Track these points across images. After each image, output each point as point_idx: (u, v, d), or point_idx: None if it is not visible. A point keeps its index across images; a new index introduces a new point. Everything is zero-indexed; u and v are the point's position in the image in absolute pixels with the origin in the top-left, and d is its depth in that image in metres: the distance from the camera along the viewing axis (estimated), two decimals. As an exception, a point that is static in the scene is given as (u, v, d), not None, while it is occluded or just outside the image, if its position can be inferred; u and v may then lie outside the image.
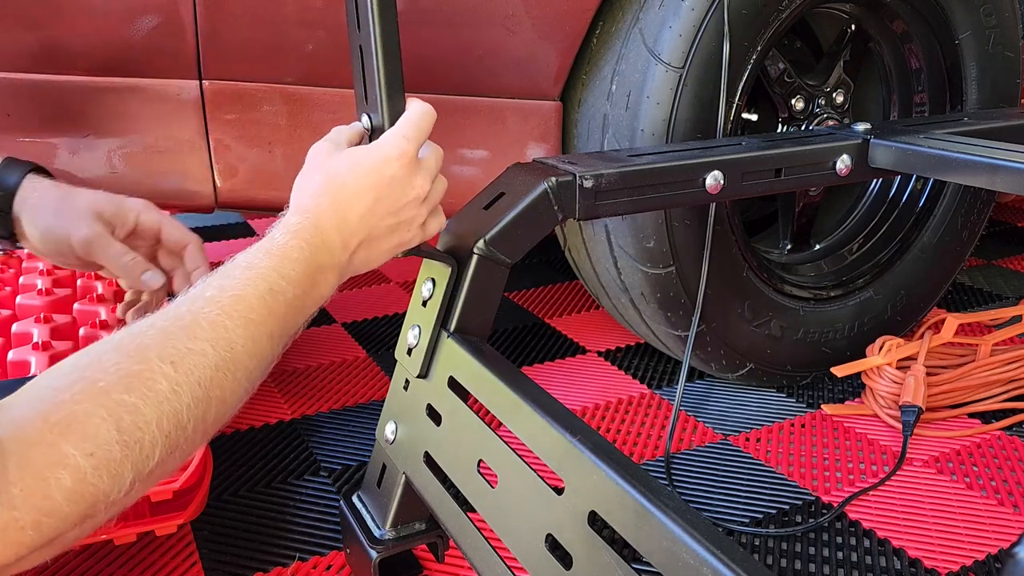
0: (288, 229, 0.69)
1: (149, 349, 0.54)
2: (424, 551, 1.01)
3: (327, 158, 0.74)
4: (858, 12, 1.40)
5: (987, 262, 2.06)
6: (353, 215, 0.72)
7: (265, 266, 0.65)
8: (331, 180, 0.72)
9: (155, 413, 0.52)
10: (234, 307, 0.61)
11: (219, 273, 0.65)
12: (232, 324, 0.60)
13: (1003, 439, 1.27)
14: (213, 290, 0.62)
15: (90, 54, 1.04)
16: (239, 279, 0.63)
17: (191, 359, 0.55)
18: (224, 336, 0.59)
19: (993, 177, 0.99)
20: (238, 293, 0.62)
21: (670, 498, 0.59)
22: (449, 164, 1.21)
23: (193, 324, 0.58)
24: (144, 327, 0.57)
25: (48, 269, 1.53)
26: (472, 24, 1.14)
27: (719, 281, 1.28)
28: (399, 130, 0.75)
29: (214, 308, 0.60)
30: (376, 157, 0.73)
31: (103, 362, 0.52)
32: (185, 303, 0.61)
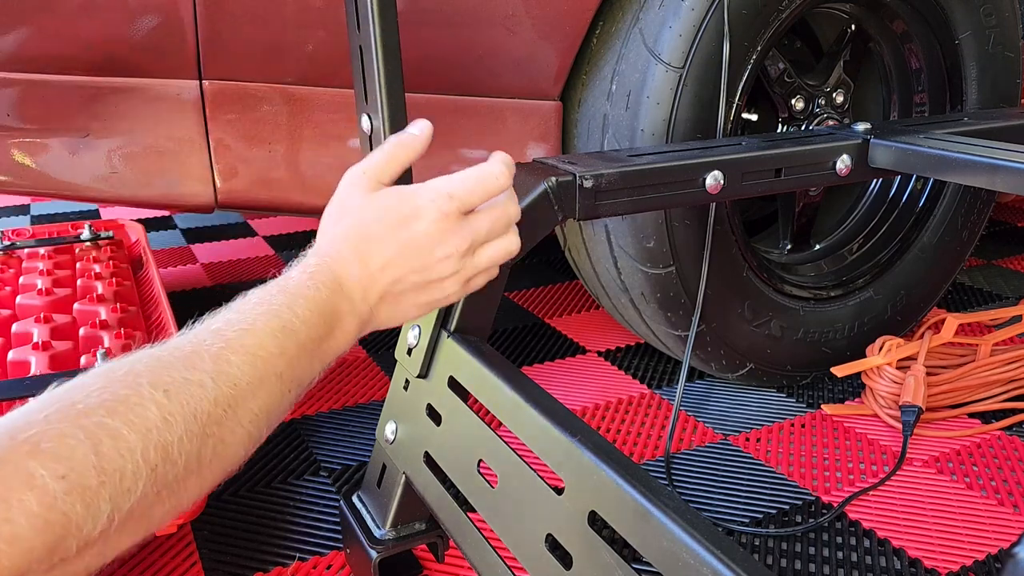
0: (306, 269, 0.64)
1: (140, 375, 0.49)
2: (424, 551, 1.01)
3: (358, 196, 0.68)
4: (858, 12, 1.40)
5: (987, 262, 2.06)
6: (374, 266, 0.66)
7: (278, 303, 0.60)
8: (356, 225, 0.66)
9: (140, 441, 0.46)
10: (240, 341, 0.55)
11: (228, 307, 0.60)
12: (237, 360, 0.54)
13: (1003, 439, 1.27)
14: (219, 323, 0.57)
15: (90, 54, 1.04)
16: (248, 314, 0.58)
17: (187, 390, 0.50)
18: (227, 371, 0.53)
19: (993, 177, 0.99)
20: (246, 328, 0.57)
21: (670, 498, 0.59)
22: (449, 164, 1.21)
23: (193, 355, 0.53)
24: (137, 356, 0.52)
25: (48, 269, 1.53)
26: (472, 24, 1.14)
27: (719, 281, 1.28)
28: (446, 184, 0.68)
29: (218, 341, 0.55)
30: (408, 208, 0.67)
31: (87, 386, 0.47)
32: (188, 336, 0.56)
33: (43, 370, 1.11)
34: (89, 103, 1.07)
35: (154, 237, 2.40)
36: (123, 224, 1.86)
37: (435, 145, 1.21)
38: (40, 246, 1.68)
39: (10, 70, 1.04)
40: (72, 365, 1.15)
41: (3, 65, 1.03)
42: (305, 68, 1.11)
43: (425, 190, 0.67)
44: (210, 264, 2.18)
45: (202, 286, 2.02)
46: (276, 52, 1.09)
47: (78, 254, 1.66)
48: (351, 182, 0.69)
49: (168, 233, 2.47)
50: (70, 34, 1.02)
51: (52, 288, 1.43)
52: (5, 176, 1.10)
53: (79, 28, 1.02)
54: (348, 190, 0.69)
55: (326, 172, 1.17)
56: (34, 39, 1.02)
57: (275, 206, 1.19)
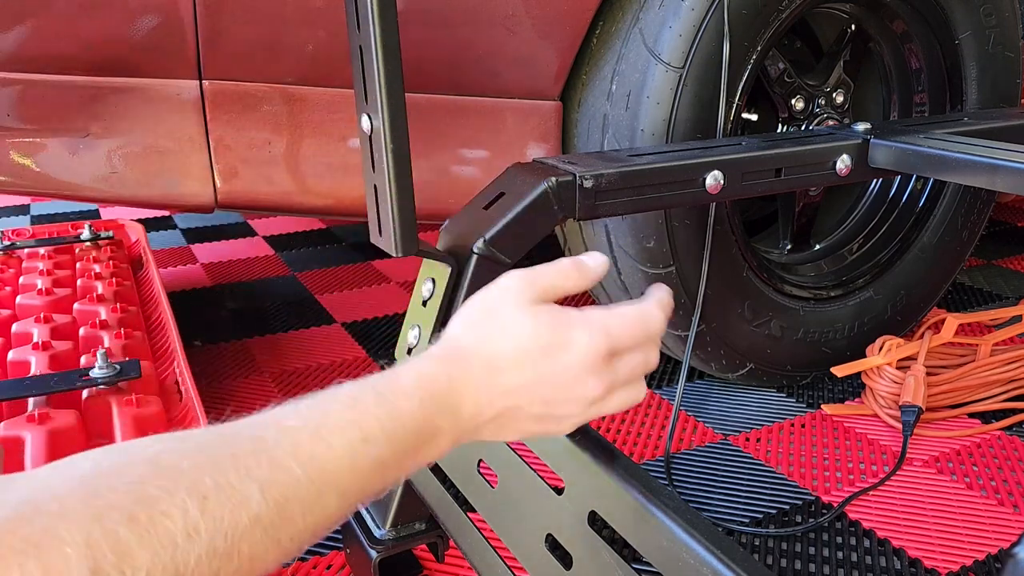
0: (419, 373, 0.56)
1: (183, 475, 0.43)
2: (424, 551, 1.01)
3: (513, 305, 0.60)
4: (858, 12, 1.40)
5: (987, 262, 2.06)
6: (499, 388, 0.58)
7: (369, 411, 0.52)
8: (497, 337, 0.59)
9: (149, 559, 0.40)
10: (311, 449, 0.48)
11: (313, 399, 0.52)
12: (300, 472, 0.47)
13: (1003, 439, 1.27)
14: (294, 418, 0.50)
15: (90, 54, 1.04)
16: (331, 414, 0.51)
17: (228, 501, 0.43)
18: (282, 482, 0.46)
19: (993, 177, 0.99)
20: (322, 434, 0.49)
21: (670, 498, 0.59)
22: (449, 164, 1.21)
23: (251, 455, 0.46)
24: (196, 439, 0.46)
25: (48, 269, 1.53)
26: (472, 24, 1.14)
27: (719, 281, 1.27)
28: (605, 321, 0.60)
29: (284, 442, 0.48)
30: (561, 337, 0.59)
31: (123, 474, 0.42)
32: (256, 422, 0.49)
33: (43, 370, 1.11)
34: (89, 103, 1.07)
35: (154, 237, 2.40)
36: (123, 224, 1.86)
37: (435, 145, 1.21)
38: (40, 246, 1.68)
39: (10, 70, 1.04)
40: (72, 365, 1.15)
41: (3, 65, 1.03)
42: (305, 68, 1.11)
43: (583, 323, 0.60)
44: (210, 264, 2.18)
45: (202, 286, 2.02)
46: (276, 52, 1.09)
47: (78, 254, 1.66)
48: (512, 287, 0.61)
49: (168, 233, 2.47)
50: (70, 34, 1.02)
51: (52, 288, 1.43)
52: (5, 176, 1.09)
53: (79, 28, 1.02)
54: (505, 294, 0.61)
55: (326, 172, 1.17)
56: (34, 39, 1.02)
57: (275, 206, 1.19)
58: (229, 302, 1.90)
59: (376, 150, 0.80)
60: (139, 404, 1.02)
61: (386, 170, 0.79)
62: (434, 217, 1.17)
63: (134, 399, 1.03)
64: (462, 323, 0.61)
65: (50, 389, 1.04)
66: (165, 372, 1.23)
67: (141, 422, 1.00)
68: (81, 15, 1.01)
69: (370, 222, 0.86)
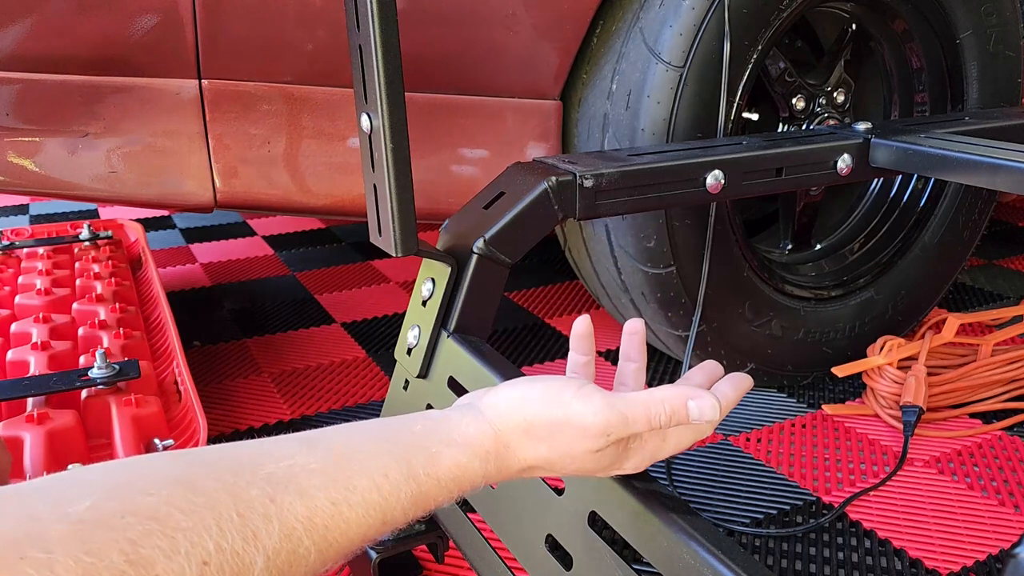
0: (459, 466, 0.53)
1: (183, 535, 0.40)
2: (424, 551, 1.01)
3: (579, 446, 0.56)
4: (859, 11, 1.40)
5: (988, 262, 2.05)
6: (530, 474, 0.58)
7: (398, 495, 0.49)
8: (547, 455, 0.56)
9: None
10: (326, 523, 0.45)
11: (342, 456, 0.49)
12: (309, 543, 0.44)
13: (1004, 439, 1.27)
14: (319, 480, 0.46)
15: (89, 53, 1.04)
16: (357, 490, 0.48)
17: (228, 568, 0.41)
18: (289, 551, 0.43)
19: (994, 177, 0.99)
20: (342, 511, 0.46)
21: (670, 498, 0.58)
22: (449, 163, 1.21)
23: (261, 518, 0.43)
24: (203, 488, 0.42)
25: (47, 269, 1.53)
26: (472, 23, 1.13)
27: (720, 281, 1.27)
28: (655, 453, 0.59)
29: (301, 511, 0.45)
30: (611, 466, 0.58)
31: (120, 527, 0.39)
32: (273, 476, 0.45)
33: (42, 370, 1.11)
34: (88, 103, 1.07)
35: (153, 237, 2.40)
36: (122, 224, 1.86)
37: (435, 145, 1.21)
38: (39, 246, 1.68)
39: (9, 70, 1.04)
40: (71, 365, 1.14)
41: (2, 65, 1.03)
42: (305, 67, 1.10)
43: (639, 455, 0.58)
44: (210, 264, 2.18)
45: (201, 286, 2.02)
46: (276, 51, 1.09)
47: (77, 254, 1.66)
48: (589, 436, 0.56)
49: (167, 233, 2.47)
50: (69, 33, 1.02)
51: (51, 288, 1.42)
52: (4, 176, 1.09)
53: (78, 27, 1.02)
54: (576, 438, 0.56)
55: (326, 172, 1.17)
56: (33, 38, 1.02)
57: (274, 206, 1.19)
58: (228, 302, 1.90)
59: (376, 149, 0.80)
60: (138, 404, 1.02)
61: (386, 170, 0.79)
62: (434, 217, 1.17)
63: (133, 399, 1.02)
64: (523, 426, 0.56)
65: (49, 389, 1.04)
66: (164, 372, 1.23)
67: (140, 422, 1.00)
68: (80, 14, 1.01)
69: (370, 222, 0.86)
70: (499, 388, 0.59)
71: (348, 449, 0.49)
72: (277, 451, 0.47)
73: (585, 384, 0.57)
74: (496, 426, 0.56)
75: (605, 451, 0.56)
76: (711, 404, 0.56)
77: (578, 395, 0.56)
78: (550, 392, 0.57)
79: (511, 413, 0.56)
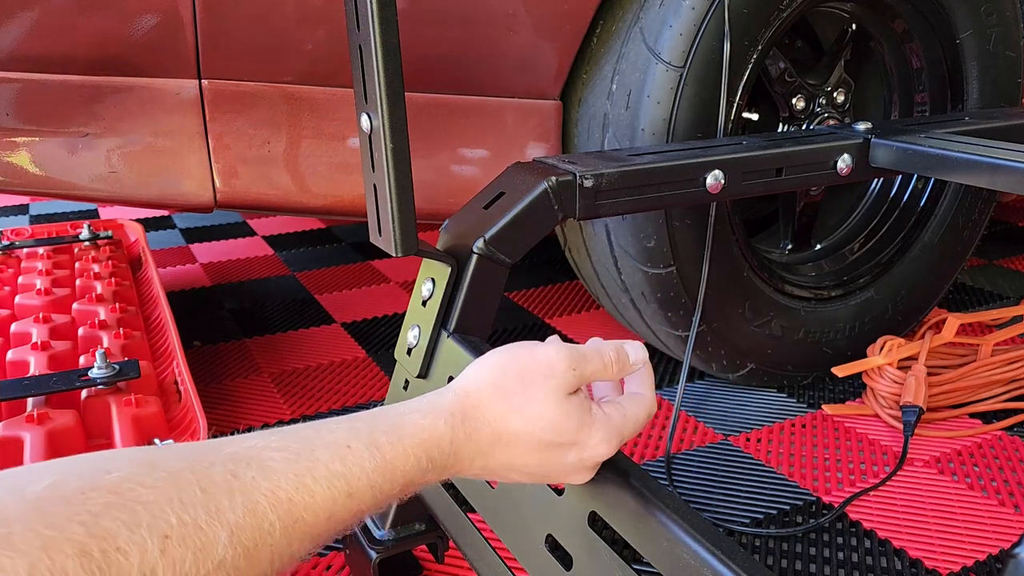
0: (425, 432, 0.53)
1: (145, 508, 0.39)
2: (424, 551, 1.01)
3: (546, 390, 0.57)
4: (859, 11, 1.40)
5: (988, 262, 2.05)
6: (500, 460, 0.57)
7: (361, 465, 0.49)
8: (517, 416, 0.56)
9: None
10: (290, 496, 0.45)
11: (303, 436, 0.49)
12: (274, 518, 0.44)
13: (1004, 439, 1.27)
14: (279, 458, 0.46)
15: (89, 53, 1.04)
16: (319, 463, 0.47)
17: (192, 542, 0.40)
18: (253, 527, 0.43)
19: (994, 177, 0.99)
20: (306, 483, 0.46)
21: (670, 498, 0.58)
22: (449, 163, 1.21)
23: (224, 493, 0.43)
24: (165, 466, 0.42)
25: (47, 269, 1.53)
26: (472, 23, 1.13)
27: (720, 281, 1.27)
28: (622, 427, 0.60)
29: (264, 485, 0.44)
30: (578, 436, 0.58)
31: (81, 502, 0.38)
32: (236, 454, 0.45)
33: (42, 370, 1.11)
34: (88, 103, 1.07)
35: (153, 237, 2.40)
36: (122, 224, 1.86)
37: (435, 144, 1.21)
38: (39, 246, 1.68)
39: (9, 69, 1.04)
40: (71, 365, 1.14)
41: (2, 64, 1.03)
42: (305, 67, 1.10)
43: (605, 427, 0.59)
44: (209, 264, 2.18)
45: (201, 286, 2.02)
46: (276, 51, 1.09)
47: (77, 254, 1.66)
48: (558, 372, 0.57)
49: (167, 233, 2.47)
50: (69, 33, 1.02)
51: (51, 288, 1.42)
52: (4, 176, 1.09)
53: (78, 27, 1.02)
54: (548, 377, 0.57)
55: (326, 172, 1.17)
56: (33, 38, 1.02)
57: (274, 206, 1.19)
58: (228, 302, 1.90)
59: (376, 149, 0.80)
60: (138, 404, 1.02)
61: (386, 170, 0.79)
62: (434, 217, 1.17)
63: (133, 399, 1.02)
64: (492, 382, 0.57)
65: (49, 389, 1.04)
66: (164, 372, 1.23)
67: (140, 422, 1.00)
68: (80, 14, 1.01)
69: (370, 222, 0.86)
70: (466, 368, 0.60)
71: (309, 430, 0.49)
72: (239, 439, 0.47)
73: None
74: (462, 389, 0.57)
75: (573, 401, 0.57)
76: (639, 344, 0.63)
77: (540, 343, 0.60)
78: (514, 347, 0.60)
79: (479, 377, 0.58)
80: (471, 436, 0.55)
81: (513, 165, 0.97)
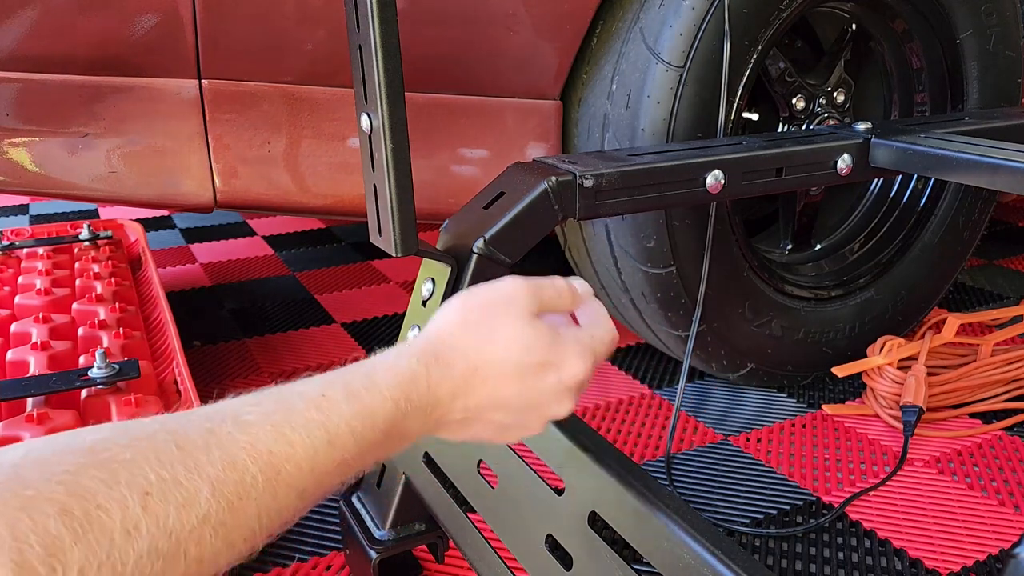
0: (398, 372, 0.53)
1: (122, 466, 0.39)
2: (424, 551, 1.01)
3: (512, 315, 0.57)
4: (859, 11, 1.40)
5: (988, 262, 2.05)
6: (476, 399, 0.56)
7: (339, 411, 0.49)
8: (487, 345, 0.56)
9: (81, 555, 0.36)
10: (270, 448, 0.45)
11: (277, 392, 0.49)
12: (256, 470, 0.44)
13: (1004, 439, 1.27)
14: (254, 412, 0.46)
15: (89, 53, 1.04)
16: (295, 412, 0.47)
17: (173, 497, 0.40)
18: (235, 480, 0.43)
19: (994, 177, 0.99)
20: (285, 433, 0.46)
21: (670, 498, 0.58)
22: (449, 163, 1.21)
23: (202, 449, 0.42)
24: (140, 430, 0.42)
25: (47, 269, 1.53)
26: (472, 23, 1.13)
27: (720, 281, 1.27)
28: (593, 345, 0.60)
29: (241, 438, 0.44)
30: (552, 356, 0.58)
31: (57, 463, 0.39)
32: (210, 414, 0.45)
33: (42, 370, 1.11)
34: (88, 103, 1.07)
35: (154, 237, 2.40)
36: (122, 224, 1.85)
37: (435, 144, 1.21)
38: (39, 246, 1.68)
39: (9, 70, 1.04)
40: (71, 365, 1.14)
41: (2, 64, 1.03)
42: (304, 67, 1.10)
43: (576, 344, 0.59)
44: (209, 264, 2.18)
45: (201, 286, 2.02)
46: (276, 51, 1.09)
47: (77, 254, 1.65)
48: (519, 295, 0.58)
49: (167, 233, 2.47)
50: (69, 33, 1.02)
51: (51, 288, 1.42)
52: (4, 176, 1.09)
53: (78, 27, 1.02)
54: (510, 301, 0.58)
55: (326, 172, 1.17)
56: (33, 38, 1.02)
57: (274, 206, 1.19)
58: (228, 302, 1.90)
59: (376, 149, 0.80)
60: (138, 404, 1.02)
61: (386, 170, 0.79)
62: (434, 217, 1.17)
63: (133, 399, 1.02)
64: (458, 319, 0.58)
65: (49, 389, 1.04)
66: (164, 372, 1.23)
67: (140, 422, 1.00)
68: (80, 14, 1.01)
69: (370, 222, 0.86)
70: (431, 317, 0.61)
71: (283, 388, 0.49)
72: (211, 405, 0.47)
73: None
74: (431, 333, 0.57)
75: (539, 324, 0.58)
76: (582, 280, 0.64)
77: (500, 279, 0.60)
78: (473, 287, 0.60)
79: (445, 318, 0.58)
80: (446, 373, 0.55)
81: (513, 165, 0.97)
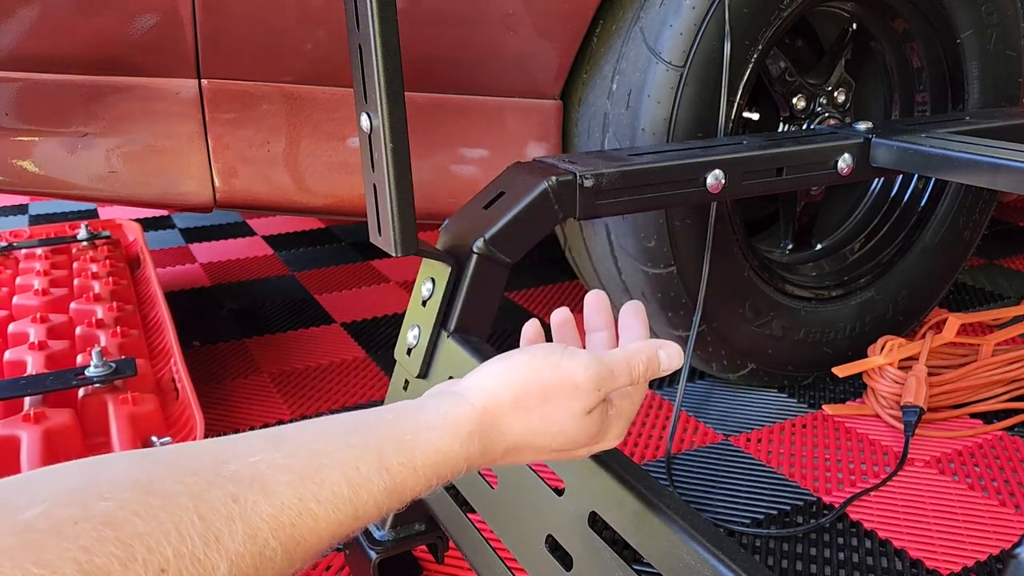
0: (437, 451, 0.51)
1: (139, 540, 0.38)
2: (424, 551, 1.01)
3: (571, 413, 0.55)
4: (859, 11, 1.40)
5: (989, 262, 2.05)
6: (506, 462, 0.56)
7: (370, 488, 0.47)
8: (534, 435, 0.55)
9: None
10: (293, 521, 0.43)
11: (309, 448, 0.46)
12: (276, 545, 0.42)
13: (1005, 439, 1.27)
14: (284, 477, 0.44)
15: (89, 53, 1.04)
16: (326, 485, 0.45)
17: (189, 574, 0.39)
18: (255, 554, 0.41)
19: (995, 176, 0.99)
20: (311, 508, 0.44)
21: (670, 499, 0.58)
22: (449, 163, 1.21)
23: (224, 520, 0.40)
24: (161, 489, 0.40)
25: (45, 269, 1.52)
26: (472, 23, 1.13)
27: (720, 281, 1.27)
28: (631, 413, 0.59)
29: (266, 510, 0.42)
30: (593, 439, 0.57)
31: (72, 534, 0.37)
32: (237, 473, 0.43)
33: (39, 369, 1.11)
34: (88, 103, 1.06)
35: (153, 237, 2.40)
36: (120, 224, 1.85)
37: (435, 144, 1.21)
38: (37, 246, 1.68)
39: (9, 69, 1.03)
40: (69, 364, 1.14)
41: (2, 64, 1.03)
42: (304, 67, 1.10)
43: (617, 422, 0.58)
44: (209, 264, 2.17)
45: (200, 286, 2.01)
46: (275, 51, 1.08)
47: (75, 254, 1.65)
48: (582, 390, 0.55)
49: (167, 233, 2.46)
50: (69, 33, 1.02)
51: (49, 288, 1.42)
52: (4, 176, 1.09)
53: (78, 27, 1.02)
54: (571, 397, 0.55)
55: (325, 172, 1.16)
56: (33, 38, 1.02)
57: (274, 206, 1.19)
58: (228, 302, 1.90)
59: (375, 149, 0.80)
60: (135, 402, 1.02)
61: (385, 169, 0.79)
62: (434, 217, 1.17)
63: (130, 397, 1.02)
64: (510, 399, 0.54)
65: (46, 388, 1.04)
66: (162, 370, 1.22)
67: (137, 420, 1.00)
68: (80, 14, 1.01)
69: (370, 222, 0.86)
70: (478, 369, 0.57)
71: (318, 444, 0.47)
72: (242, 448, 0.45)
73: (568, 346, 0.57)
74: (480, 404, 0.54)
75: (593, 416, 0.56)
76: (677, 350, 0.59)
77: (566, 354, 0.55)
78: (537, 357, 0.56)
79: (498, 388, 0.55)
80: (485, 453, 0.53)
81: (513, 165, 0.96)
